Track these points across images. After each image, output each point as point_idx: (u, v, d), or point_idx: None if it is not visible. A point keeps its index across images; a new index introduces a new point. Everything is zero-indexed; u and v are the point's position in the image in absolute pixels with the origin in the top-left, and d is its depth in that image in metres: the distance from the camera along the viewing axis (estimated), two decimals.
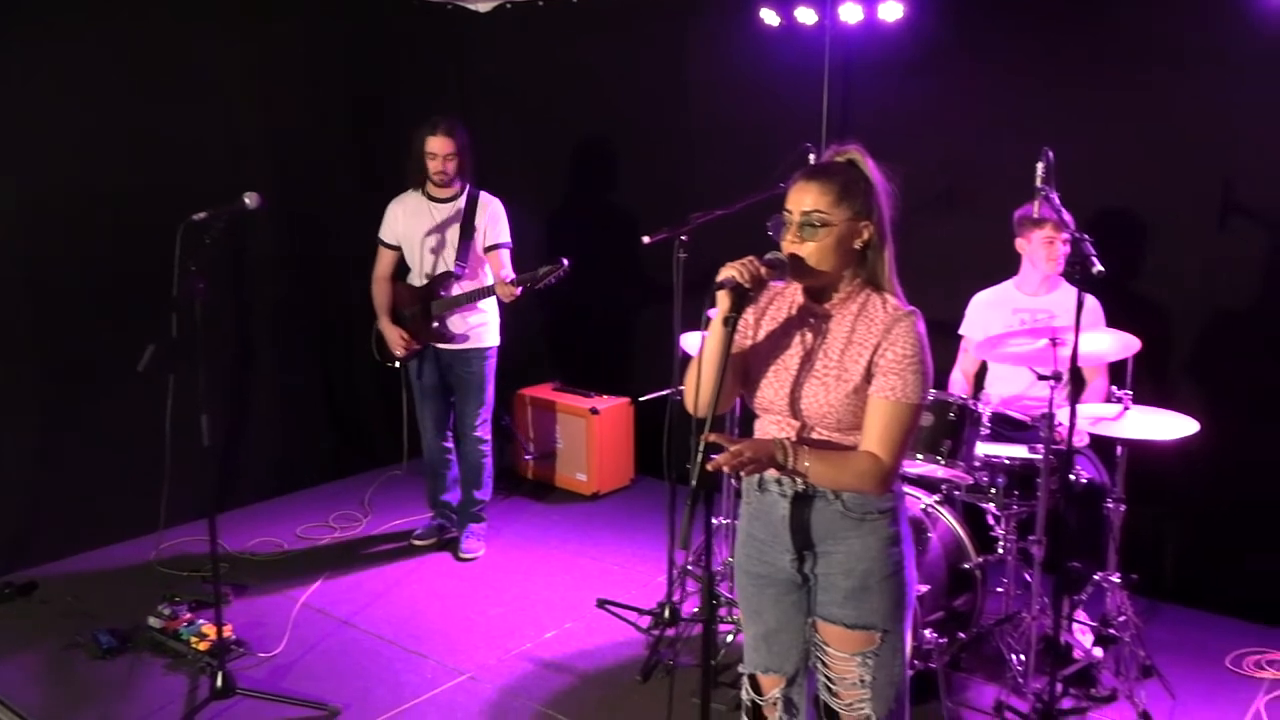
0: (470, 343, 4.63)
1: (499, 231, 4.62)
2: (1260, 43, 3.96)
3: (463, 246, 4.53)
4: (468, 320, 4.61)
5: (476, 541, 4.88)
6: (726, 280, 2.18)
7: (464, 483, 4.90)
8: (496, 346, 4.73)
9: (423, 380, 4.73)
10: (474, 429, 4.75)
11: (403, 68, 5.85)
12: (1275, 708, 3.57)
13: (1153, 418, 3.49)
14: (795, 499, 2.34)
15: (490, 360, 4.72)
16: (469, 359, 4.66)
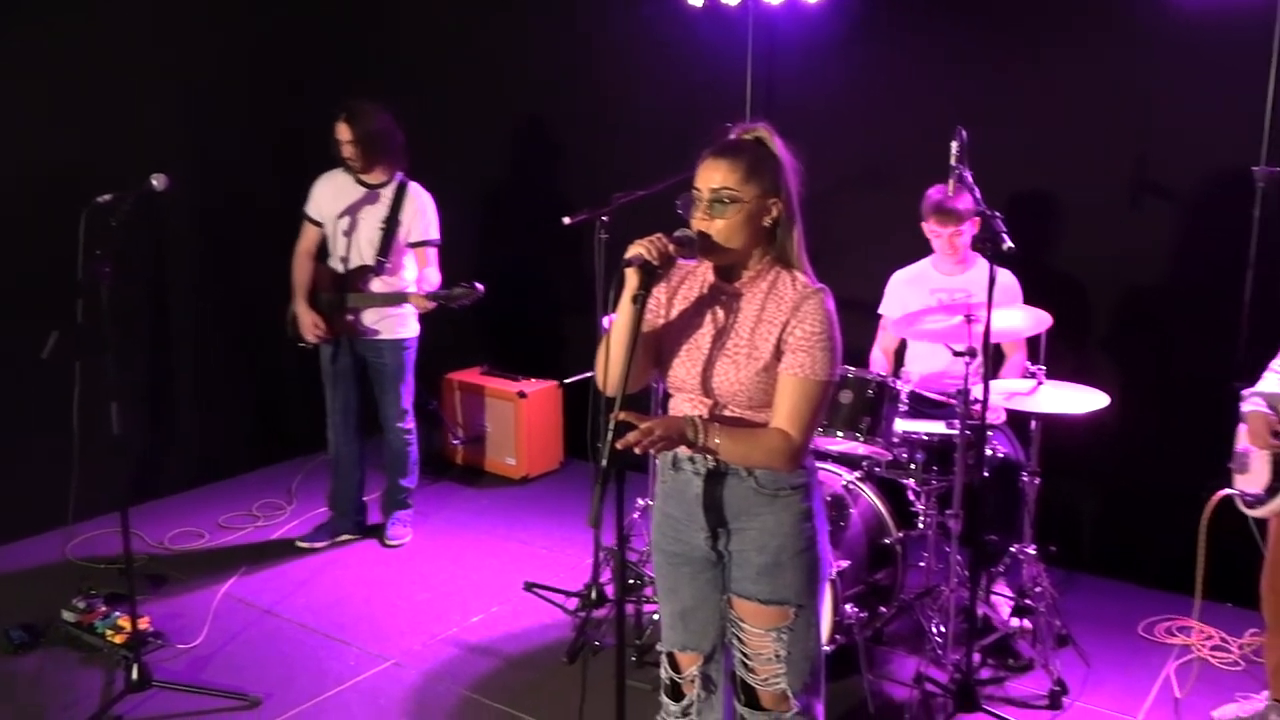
0: (386, 334, 4.51)
1: (425, 227, 4.49)
2: (1171, 25, 4.04)
3: (386, 239, 4.39)
4: (384, 311, 4.48)
5: (403, 528, 4.82)
6: (634, 258, 2.17)
7: (389, 470, 4.80)
8: (414, 337, 4.60)
9: (335, 366, 4.58)
10: (395, 420, 4.66)
11: (325, 44, 5.73)
12: (1184, 672, 3.68)
13: (1065, 393, 3.56)
14: (708, 477, 2.35)
15: (408, 352, 4.60)
16: (383, 350, 4.54)
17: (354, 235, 4.42)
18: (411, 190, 4.46)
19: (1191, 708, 3.47)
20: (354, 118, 4.31)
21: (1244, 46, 3.91)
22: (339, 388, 4.62)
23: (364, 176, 4.42)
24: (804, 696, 2.44)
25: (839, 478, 3.74)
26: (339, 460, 4.73)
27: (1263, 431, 3.08)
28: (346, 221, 4.43)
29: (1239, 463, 3.25)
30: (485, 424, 5.66)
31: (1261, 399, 3.12)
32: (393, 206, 4.41)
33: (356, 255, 4.43)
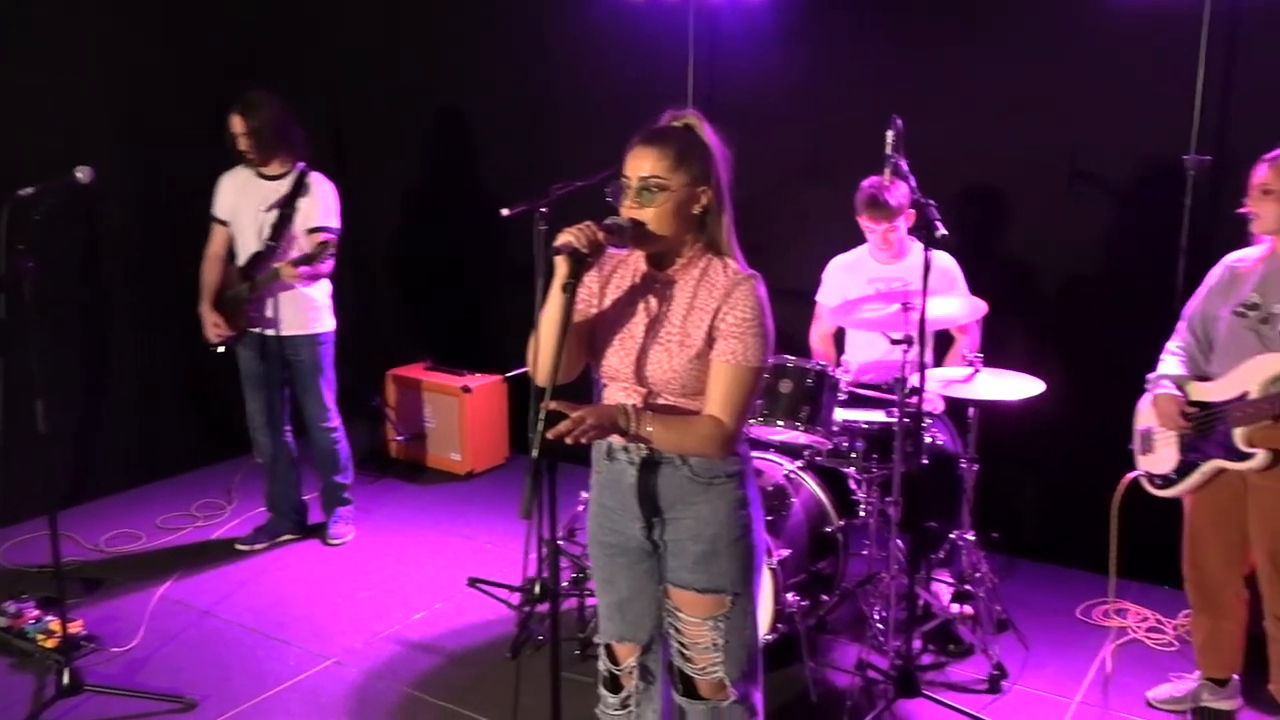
0: (298, 329, 4.38)
1: (323, 214, 4.34)
2: (1103, 15, 4.10)
3: (280, 226, 4.27)
4: (294, 305, 4.35)
5: (345, 525, 4.75)
6: (563, 246, 2.16)
7: (321, 470, 4.71)
8: (330, 331, 4.47)
9: (253, 367, 4.46)
10: (319, 419, 4.54)
11: (263, 36, 5.64)
12: (1121, 654, 3.74)
13: (1002, 380, 3.59)
14: (642, 466, 2.34)
15: (324, 346, 4.46)
16: (298, 346, 4.41)
17: (256, 228, 4.32)
18: (312, 179, 4.34)
19: (1128, 688, 3.53)
20: (248, 109, 4.20)
21: (1174, 36, 3.96)
22: (253, 390, 4.49)
23: (263, 169, 4.32)
24: (741, 684, 2.44)
25: (780, 467, 3.75)
26: (271, 462, 4.62)
27: (1173, 414, 3.13)
28: (250, 216, 4.33)
29: (1142, 443, 3.33)
30: (428, 420, 5.61)
31: (1169, 381, 3.18)
32: (290, 194, 4.30)
33: (256, 246, 4.34)
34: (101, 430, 5.19)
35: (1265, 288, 3.02)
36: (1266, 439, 2.98)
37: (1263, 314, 3.00)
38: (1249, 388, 2.98)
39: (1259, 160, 3.04)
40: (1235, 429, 3.02)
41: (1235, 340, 3.05)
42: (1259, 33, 3.89)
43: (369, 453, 5.76)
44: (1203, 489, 3.19)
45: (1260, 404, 2.95)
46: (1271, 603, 3.10)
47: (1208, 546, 3.25)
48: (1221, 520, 3.19)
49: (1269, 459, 2.98)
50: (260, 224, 4.30)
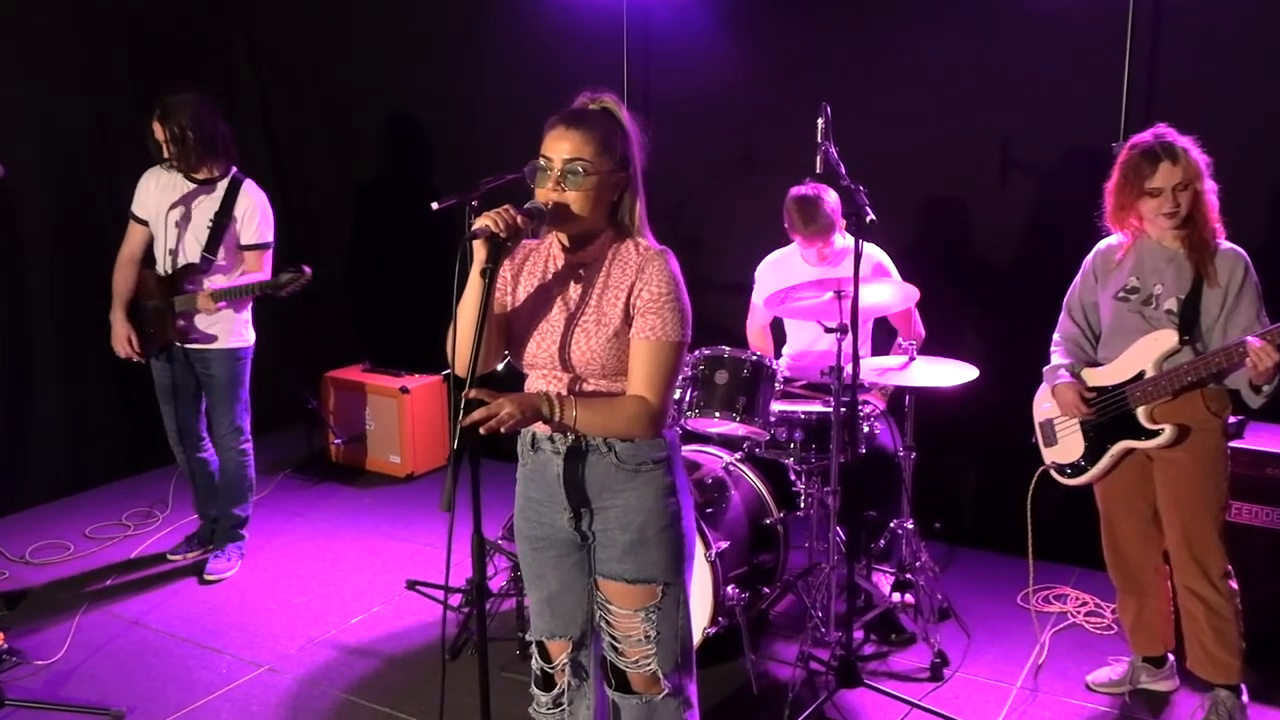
0: (216, 343, 4.14)
1: (259, 229, 4.13)
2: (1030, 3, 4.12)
3: (214, 237, 4.04)
4: (211, 316, 4.11)
5: (227, 561, 4.36)
6: (480, 230, 2.11)
7: (222, 494, 4.39)
8: (248, 347, 4.23)
9: (168, 380, 4.22)
10: (229, 438, 4.28)
11: (190, 33, 5.52)
12: (1060, 638, 3.75)
13: (936, 367, 3.59)
14: (568, 455, 2.30)
15: (241, 363, 4.21)
16: (210, 360, 4.15)
17: (182, 234, 4.08)
18: (246, 188, 4.12)
19: (1067, 673, 3.54)
20: (166, 115, 3.98)
21: (1100, 23, 4.00)
22: (167, 403, 4.26)
23: (199, 173, 4.08)
24: (675, 676, 2.40)
25: (719, 460, 3.72)
26: (193, 475, 4.42)
27: (1075, 401, 3.19)
28: (174, 219, 4.08)
29: (1044, 435, 3.39)
30: (367, 422, 5.52)
31: (1065, 370, 3.24)
32: (224, 202, 4.06)
33: (183, 255, 4.09)
34: (27, 439, 5.04)
35: (1141, 271, 3.11)
36: (1167, 414, 3.07)
37: (1143, 296, 3.10)
38: (1145, 366, 3.06)
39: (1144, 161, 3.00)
40: (1137, 408, 3.10)
41: (1121, 324, 3.14)
42: (1182, 19, 3.93)
43: (307, 457, 5.66)
44: (1111, 473, 3.24)
45: (1158, 381, 3.04)
46: (1184, 575, 3.16)
47: (1122, 528, 3.31)
48: (1132, 500, 3.25)
49: (1176, 433, 3.06)
50: (187, 231, 4.07)
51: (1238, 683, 3.18)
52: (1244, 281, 2.99)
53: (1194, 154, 2.99)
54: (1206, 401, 3.06)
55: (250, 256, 4.16)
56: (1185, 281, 3.03)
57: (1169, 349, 3.03)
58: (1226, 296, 2.99)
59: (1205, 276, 3.00)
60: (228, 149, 4.13)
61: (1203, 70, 3.89)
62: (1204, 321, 3.02)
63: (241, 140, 4.28)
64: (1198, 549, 3.10)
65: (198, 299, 4.01)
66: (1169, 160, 2.98)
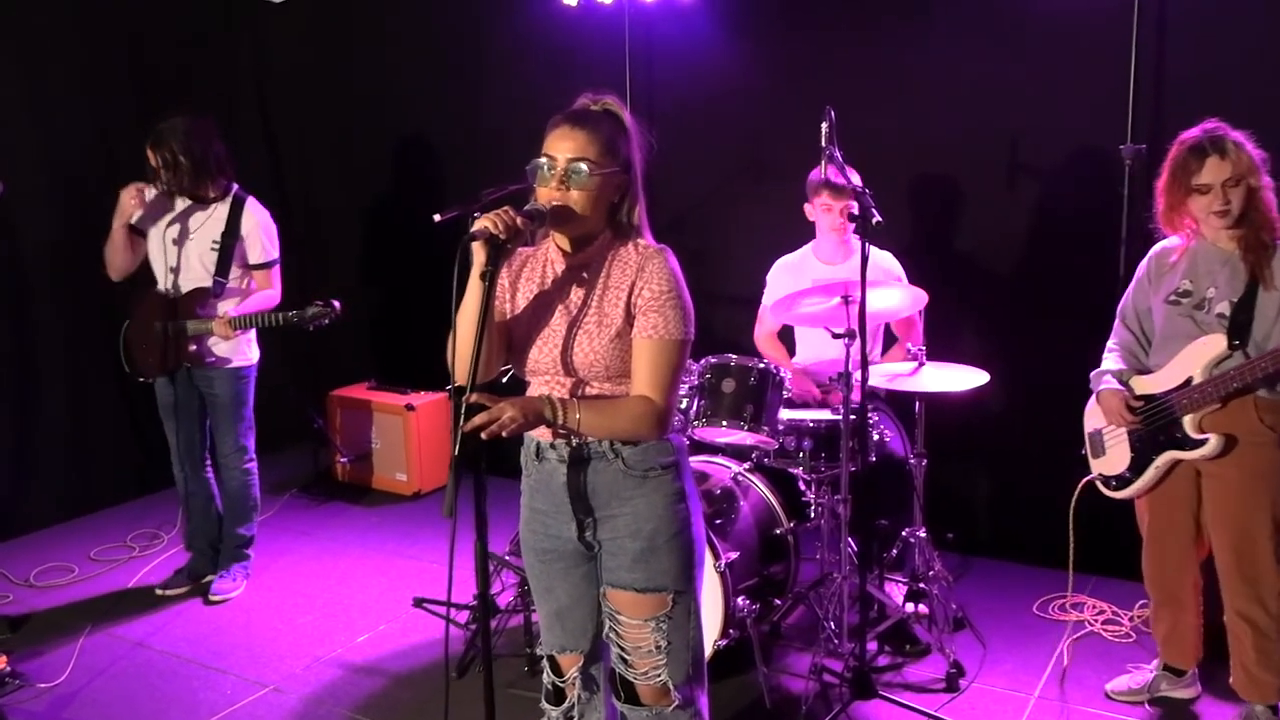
0: (217, 360, 4.10)
1: (265, 248, 4.10)
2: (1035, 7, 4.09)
3: (224, 259, 4.00)
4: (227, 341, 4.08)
5: (232, 581, 4.30)
6: (480, 232, 2.08)
7: (226, 515, 4.33)
8: (252, 365, 4.19)
9: (172, 399, 4.17)
10: (233, 456, 4.23)
11: (194, 57, 5.52)
12: (1078, 648, 3.68)
13: (946, 372, 3.54)
14: (572, 462, 2.25)
15: (245, 381, 4.18)
16: (214, 379, 4.11)
17: (183, 252, 4.02)
18: (250, 206, 4.07)
19: (1086, 682, 3.47)
20: (159, 142, 3.94)
21: (1106, 26, 3.96)
22: (179, 422, 4.21)
23: (199, 192, 4.04)
24: (685, 688, 2.35)
25: (727, 470, 3.67)
26: (190, 499, 4.33)
27: (1120, 409, 3.08)
28: (172, 236, 4.03)
29: (1093, 446, 3.28)
30: (374, 440, 5.48)
31: (1111, 377, 3.14)
32: (229, 223, 4.02)
33: (186, 274, 4.04)
34: (32, 461, 5.01)
35: (1194, 274, 2.99)
36: (1216, 423, 2.95)
37: (1195, 300, 2.97)
38: (1193, 373, 2.95)
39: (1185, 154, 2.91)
40: (1184, 417, 2.97)
41: (1172, 329, 3.02)
42: (1187, 21, 3.90)
43: (313, 476, 5.62)
44: (1156, 485, 3.13)
45: (1205, 388, 2.91)
46: (1233, 597, 3.04)
47: (1165, 543, 3.19)
48: (1177, 513, 3.13)
49: (1221, 443, 2.93)
50: (191, 252, 4.02)
51: (1276, 702, 3.08)
52: None
53: (1247, 148, 2.87)
54: (1260, 412, 2.91)
55: (259, 275, 4.13)
56: (1239, 284, 2.90)
57: (1218, 354, 2.90)
58: None
59: (1261, 279, 2.86)
60: (224, 168, 4.07)
61: (1210, 69, 3.84)
62: (1259, 326, 2.87)
63: (245, 158, 4.26)
64: (1248, 569, 2.98)
65: (214, 325, 3.97)
66: (1217, 155, 2.86)
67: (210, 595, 4.26)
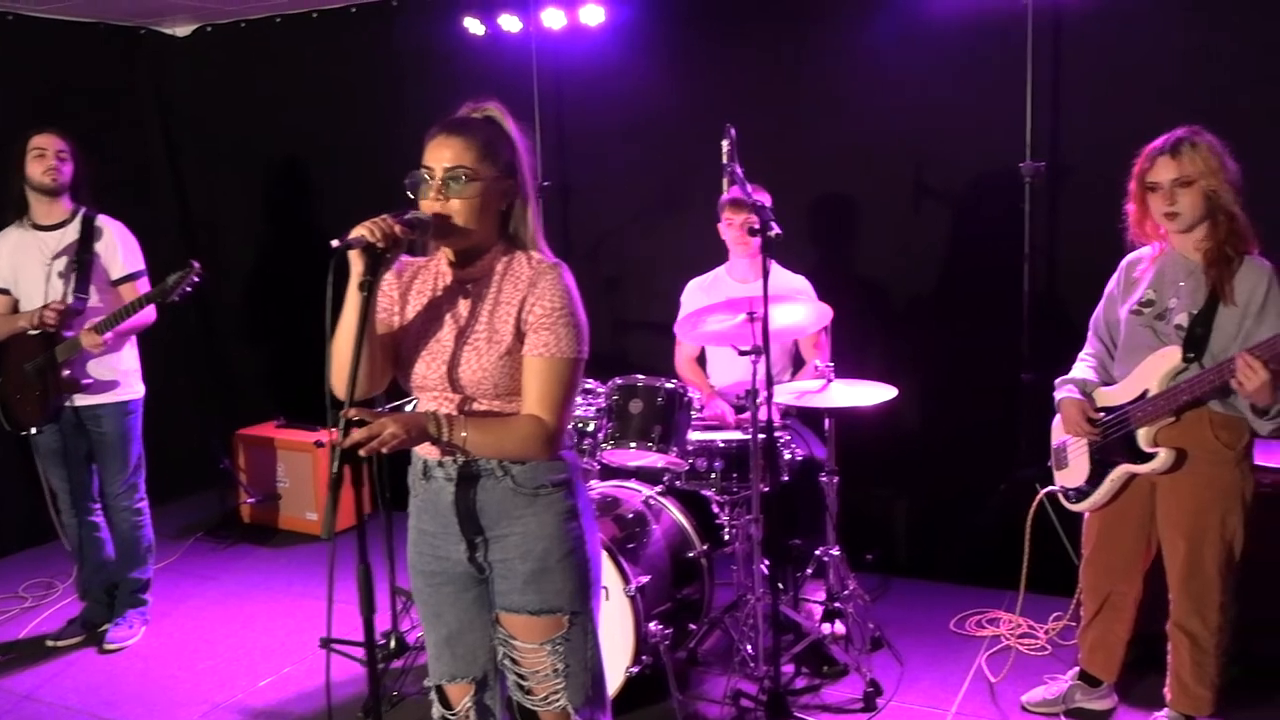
0: (105, 396, 3.92)
1: (125, 260, 3.93)
2: (932, 31, 4.16)
3: (82, 278, 3.83)
4: (98, 369, 3.90)
5: (128, 629, 4.10)
6: (356, 240, 2.00)
7: (120, 560, 4.13)
8: (138, 399, 4.02)
9: (55, 442, 3.97)
10: (121, 497, 4.04)
11: (94, 97, 5.39)
12: (994, 661, 3.66)
13: (855, 388, 3.53)
14: (460, 480, 2.17)
15: (132, 416, 4.00)
16: (101, 417, 3.93)
17: (48, 288, 3.86)
18: (101, 221, 3.92)
19: (1003, 695, 3.45)
20: (64, 132, 3.85)
21: (1002, 46, 4.03)
22: (69, 469, 4.01)
23: (47, 217, 3.88)
24: (586, 710, 2.27)
25: (639, 494, 3.61)
26: (81, 545, 4.11)
27: (1078, 418, 3.04)
28: (35, 277, 3.87)
29: (1058, 458, 3.22)
30: (281, 479, 5.32)
31: (1073, 386, 3.11)
32: (82, 242, 3.87)
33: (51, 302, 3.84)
34: None
35: (1159, 284, 2.94)
36: (1170, 438, 2.90)
37: (1157, 310, 2.92)
38: (1149, 385, 2.90)
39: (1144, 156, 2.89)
40: (1139, 430, 2.93)
41: (1134, 339, 2.98)
42: (1079, 40, 3.98)
43: (220, 519, 5.42)
44: (1113, 498, 3.08)
45: (1158, 401, 2.87)
46: (1176, 608, 3.01)
47: (1112, 551, 3.15)
48: (1128, 525, 3.09)
49: (1172, 458, 2.88)
50: (53, 281, 3.85)
51: (1205, 716, 3.04)
52: (1266, 299, 2.76)
53: (1210, 153, 2.79)
54: (1215, 428, 2.85)
55: (125, 290, 3.95)
56: (1200, 297, 2.83)
57: (1174, 367, 2.84)
58: (1245, 316, 2.77)
59: (1221, 295, 2.79)
60: (78, 187, 3.92)
61: (1106, 85, 3.93)
62: (1217, 339, 2.80)
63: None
64: (1195, 583, 2.94)
65: (81, 337, 3.79)
66: (1169, 154, 2.81)
67: (105, 644, 4.05)
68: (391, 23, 5.30)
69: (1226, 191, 2.80)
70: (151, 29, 5.79)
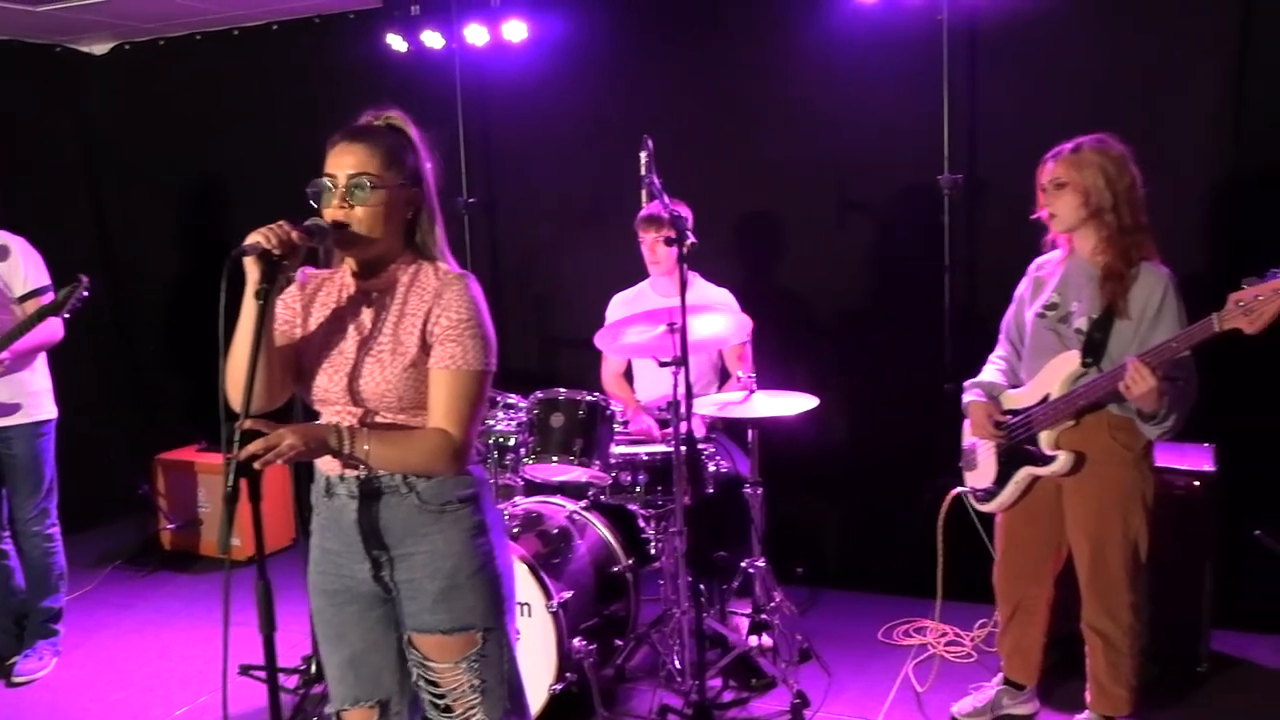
0: (16, 417, 3.81)
1: (29, 275, 3.81)
2: (849, 48, 4.21)
3: None
4: (7, 390, 3.77)
5: (39, 660, 3.97)
6: (251, 246, 1.96)
7: (30, 589, 4.00)
8: (51, 421, 3.91)
9: None
10: (32, 523, 3.91)
11: (9, 115, 5.27)
12: (921, 670, 3.67)
13: (777, 399, 3.53)
14: (363, 497, 2.12)
15: (45, 438, 3.89)
16: (11, 439, 3.82)
17: None
18: (3, 237, 3.80)
19: (930, 703, 3.46)
20: None
21: (920, 62, 4.08)
22: None
23: None
24: None
25: (563, 509, 3.57)
26: None
27: (984, 421, 3.07)
28: None
29: (967, 460, 3.26)
30: (203, 504, 5.19)
31: (980, 389, 3.14)
32: None
33: None
34: None
35: (1064, 287, 2.99)
36: (1071, 440, 2.94)
37: (1061, 313, 2.97)
38: (1051, 389, 2.94)
39: (1043, 161, 2.95)
40: (1041, 433, 2.96)
41: (1039, 342, 3.02)
42: (994, 53, 4.05)
43: (139, 547, 5.27)
44: (1018, 499, 3.11)
45: (1059, 405, 2.91)
46: (1087, 609, 3.04)
47: (1021, 554, 3.18)
48: (1036, 528, 3.12)
49: (1072, 461, 2.92)
50: None
51: (1124, 715, 3.08)
52: (1161, 308, 2.80)
53: (1090, 156, 2.83)
54: (1112, 430, 2.90)
55: (31, 306, 3.81)
56: (1100, 303, 2.88)
57: (1073, 371, 2.88)
58: (1141, 323, 2.82)
59: (1115, 309, 2.84)
60: None
61: (1021, 98, 3.99)
62: (1115, 345, 2.85)
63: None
64: (1102, 583, 2.98)
65: None
66: (1053, 159, 2.88)
67: (13, 677, 3.91)
68: (314, 40, 5.24)
69: (1108, 198, 2.84)
70: (68, 47, 5.68)
